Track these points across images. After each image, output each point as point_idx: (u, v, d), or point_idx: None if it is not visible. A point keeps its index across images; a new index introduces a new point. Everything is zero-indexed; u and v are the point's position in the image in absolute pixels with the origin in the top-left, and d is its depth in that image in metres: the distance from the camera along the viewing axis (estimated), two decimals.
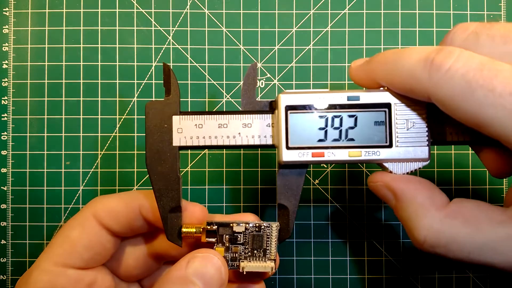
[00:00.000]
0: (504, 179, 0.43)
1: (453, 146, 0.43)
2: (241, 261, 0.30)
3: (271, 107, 0.30)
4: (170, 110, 0.30)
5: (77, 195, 0.43)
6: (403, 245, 0.43)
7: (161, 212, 0.29)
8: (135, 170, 0.43)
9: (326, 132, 0.29)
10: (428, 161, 0.28)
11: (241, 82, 0.31)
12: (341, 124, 0.28)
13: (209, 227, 0.30)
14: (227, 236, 0.30)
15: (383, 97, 0.28)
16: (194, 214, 0.31)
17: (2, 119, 0.43)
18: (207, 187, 0.43)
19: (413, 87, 0.25)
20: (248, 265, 0.30)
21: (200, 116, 0.30)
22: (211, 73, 0.43)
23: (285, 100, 0.29)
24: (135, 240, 0.34)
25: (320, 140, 0.29)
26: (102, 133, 0.43)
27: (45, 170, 0.43)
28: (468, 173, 0.43)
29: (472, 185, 0.43)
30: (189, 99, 0.43)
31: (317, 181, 0.43)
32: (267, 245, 0.30)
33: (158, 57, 0.43)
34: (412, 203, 0.26)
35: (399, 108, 0.28)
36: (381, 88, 0.28)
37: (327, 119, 0.29)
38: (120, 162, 0.43)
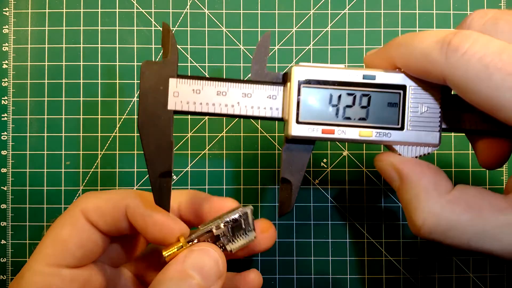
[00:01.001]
0: (504, 177, 0.43)
1: (453, 146, 0.43)
2: (226, 245, 0.30)
3: (284, 80, 0.29)
4: (167, 72, 0.28)
5: (77, 195, 0.43)
6: (403, 245, 0.43)
7: (151, 177, 0.28)
8: (135, 170, 0.43)
9: (338, 109, 0.28)
10: (438, 147, 0.28)
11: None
12: (354, 103, 0.28)
13: (189, 244, 0.29)
14: (209, 239, 0.30)
15: (399, 78, 0.28)
16: (173, 231, 0.30)
17: (2, 119, 0.43)
18: (207, 187, 0.43)
19: (428, 69, 0.25)
20: (234, 246, 0.30)
21: (199, 81, 0.28)
22: (211, 73, 0.43)
23: (298, 73, 0.28)
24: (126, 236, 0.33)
25: (331, 117, 0.28)
26: (102, 133, 0.43)
27: (45, 170, 0.43)
28: (468, 173, 0.43)
29: (472, 185, 0.42)
30: None
31: (317, 181, 0.43)
32: (246, 225, 0.30)
33: (158, 57, 0.43)
34: (416, 185, 0.26)
35: (414, 91, 0.27)
36: (397, 70, 0.28)
37: (340, 96, 0.28)
38: (120, 162, 0.43)
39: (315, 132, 0.28)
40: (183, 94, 0.28)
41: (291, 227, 0.42)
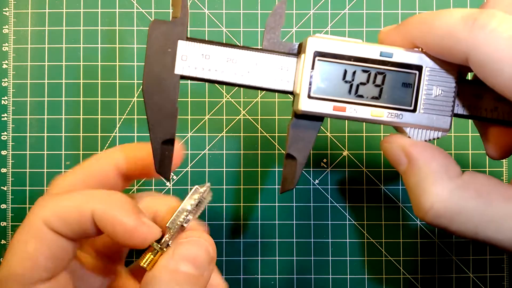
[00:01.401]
0: (504, 171, 0.43)
1: (453, 144, 0.43)
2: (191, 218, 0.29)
3: (298, 51, 0.28)
4: (176, 34, 0.27)
5: None
6: (403, 245, 0.43)
7: (153, 143, 0.27)
8: None
9: (351, 86, 0.27)
10: (448, 132, 0.27)
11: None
12: (368, 80, 0.27)
13: (165, 248, 0.28)
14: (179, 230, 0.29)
15: (417, 58, 0.27)
16: (145, 238, 0.27)
17: (2, 119, 0.43)
18: None
19: (451, 47, 0.24)
20: (195, 216, 0.29)
21: (209, 45, 0.27)
22: None
23: (313, 44, 0.26)
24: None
25: (343, 94, 0.27)
26: (102, 133, 0.43)
27: (45, 170, 0.43)
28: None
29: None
30: (189, 99, 0.43)
31: (317, 181, 0.43)
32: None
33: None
34: (425, 168, 0.25)
35: (429, 73, 0.27)
36: (416, 49, 0.27)
37: (355, 73, 0.27)
38: None
39: (326, 108, 0.27)
40: (191, 59, 0.27)
41: (291, 227, 0.42)
